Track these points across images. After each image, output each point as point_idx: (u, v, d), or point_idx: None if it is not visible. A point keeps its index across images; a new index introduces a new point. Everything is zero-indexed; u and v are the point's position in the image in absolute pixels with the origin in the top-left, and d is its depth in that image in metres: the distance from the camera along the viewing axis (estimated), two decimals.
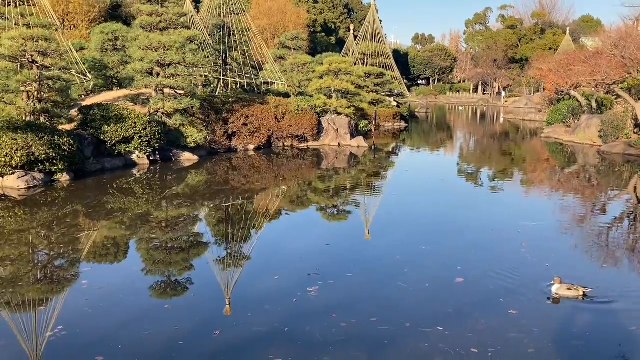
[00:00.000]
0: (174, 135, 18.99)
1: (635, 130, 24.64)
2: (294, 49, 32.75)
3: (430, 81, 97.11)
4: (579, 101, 32.22)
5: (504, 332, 6.14)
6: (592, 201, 14.60)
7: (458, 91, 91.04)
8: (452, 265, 8.38)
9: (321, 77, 25.59)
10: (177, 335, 5.93)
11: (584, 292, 7.08)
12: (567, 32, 64.85)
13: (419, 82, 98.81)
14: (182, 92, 19.54)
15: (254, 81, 26.95)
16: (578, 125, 29.11)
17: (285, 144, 23.34)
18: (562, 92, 34.11)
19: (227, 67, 26.38)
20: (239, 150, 21.59)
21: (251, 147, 21.92)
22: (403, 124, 37.64)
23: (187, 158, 18.91)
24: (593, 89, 31.71)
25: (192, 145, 19.10)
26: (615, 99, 33.15)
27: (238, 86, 27.45)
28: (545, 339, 6.00)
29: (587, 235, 10.67)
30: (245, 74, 26.75)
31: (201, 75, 25.45)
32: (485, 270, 8.17)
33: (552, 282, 7.24)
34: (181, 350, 5.63)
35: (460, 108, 72.85)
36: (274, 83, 28.68)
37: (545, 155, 25.77)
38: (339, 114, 25.05)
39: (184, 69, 19.42)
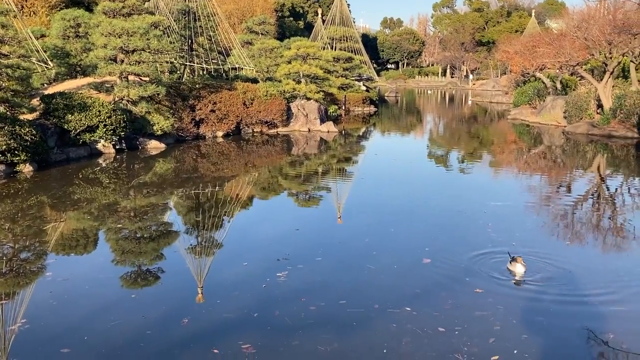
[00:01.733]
0: (140, 123, 18.69)
1: (598, 111, 25.21)
2: (262, 33, 32.47)
3: (400, 65, 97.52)
4: (544, 83, 32.77)
5: (470, 310, 6.24)
6: (558, 181, 14.91)
7: (427, 75, 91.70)
8: (419, 247, 8.48)
9: (289, 62, 25.45)
10: (144, 325, 5.88)
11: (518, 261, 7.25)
12: (533, 14, 65.69)
13: (388, 67, 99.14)
14: (147, 79, 19.19)
15: (220, 67, 26.62)
16: (543, 106, 29.63)
17: (255, 130, 23.21)
18: (528, 74, 34.61)
19: (193, 52, 25.99)
20: (207, 137, 21.38)
21: (220, 133, 21.73)
22: (373, 109, 37.76)
23: (154, 146, 18.65)
24: (557, 71, 32.25)
25: (159, 133, 18.84)
26: (579, 80, 33.82)
27: (205, 72, 27.10)
28: (511, 315, 6.12)
29: (553, 214, 10.90)
30: (212, 59, 26.42)
31: (167, 62, 25.04)
32: (452, 251, 8.29)
33: (511, 261, 7.42)
34: (149, 339, 5.59)
35: (429, 91, 73.40)
36: (242, 69, 28.40)
37: (512, 137, 26.18)
38: (309, 99, 25.00)
39: (149, 55, 19.07)
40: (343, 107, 31.91)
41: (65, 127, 16.02)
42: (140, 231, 9.56)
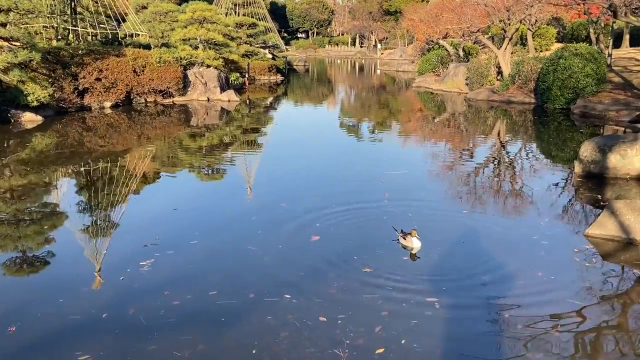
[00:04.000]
0: (12, 94, 16.60)
1: (498, 78, 25.60)
2: None
3: (310, 34, 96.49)
4: (447, 50, 33.01)
5: (356, 294, 5.55)
6: (460, 148, 14.70)
7: (337, 44, 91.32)
8: (310, 223, 7.70)
9: (185, 27, 23.74)
10: None
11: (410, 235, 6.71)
12: None
13: (298, 36, 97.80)
14: (18, 44, 17.02)
15: (109, 32, 24.41)
16: (446, 73, 29.82)
17: (148, 100, 21.51)
18: (432, 42, 34.77)
19: (77, 16, 23.59)
20: (93, 108, 19.51)
21: (108, 104, 19.90)
22: (280, 77, 36.65)
23: (30, 119, 16.68)
24: (460, 39, 32.56)
25: (35, 104, 16.84)
26: (481, 48, 34.43)
27: (94, 39, 24.78)
28: (401, 298, 5.49)
29: (454, 181, 10.50)
30: (100, 24, 24.15)
31: (48, 26, 22.59)
32: (343, 226, 7.59)
33: (399, 235, 6.84)
34: None
35: (338, 61, 73.10)
36: (138, 35, 26.28)
37: (418, 105, 26.10)
38: (208, 66, 23.52)
39: (18, 16, 16.88)
40: (247, 76, 30.54)
41: None
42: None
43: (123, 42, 25.40)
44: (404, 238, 6.79)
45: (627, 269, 6.36)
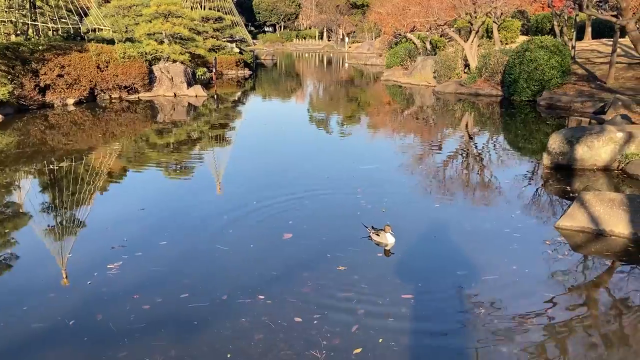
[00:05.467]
0: None
1: (465, 70, 25.82)
2: None
3: (277, 28, 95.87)
4: (414, 43, 33.16)
5: (332, 293, 5.47)
6: (429, 141, 14.75)
7: (304, 38, 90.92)
8: (282, 220, 7.59)
9: (150, 21, 23.25)
10: None
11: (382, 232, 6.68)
12: None
13: (265, 30, 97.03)
14: None
15: (70, 27, 23.73)
16: (414, 67, 29.95)
17: (113, 96, 21.02)
18: (400, 35, 34.86)
19: (37, 10, 22.86)
20: (55, 105, 18.96)
21: (71, 101, 19.36)
22: (248, 72, 36.30)
23: None
24: (427, 32, 32.73)
25: None
26: (448, 41, 34.67)
27: (54, 33, 24.07)
28: (377, 294, 5.43)
29: (425, 175, 10.51)
30: (61, 18, 23.46)
31: (9, 21, 21.83)
32: (316, 223, 7.51)
33: (371, 232, 6.79)
34: None
35: (306, 55, 72.85)
36: (101, 29, 25.63)
37: (386, 99, 26.14)
38: (174, 61, 23.10)
39: None
40: (214, 70, 30.12)
41: None
42: None
43: (86, 37, 24.76)
44: (377, 234, 6.74)
45: (597, 260, 6.44)
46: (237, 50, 38.12)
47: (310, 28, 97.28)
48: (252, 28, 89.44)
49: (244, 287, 5.60)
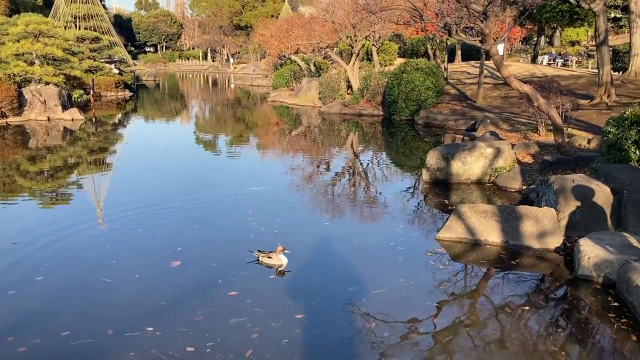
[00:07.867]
0: None
1: (349, 91, 26.75)
2: None
3: (159, 48, 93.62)
4: (299, 65, 33.84)
5: (223, 319, 5.37)
6: (316, 160, 15.04)
7: (188, 58, 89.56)
8: (170, 247, 7.35)
9: (18, 41, 21.72)
10: None
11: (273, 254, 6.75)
12: (286, 0, 68.18)
13: (146, 50, 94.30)
14: None
15: None
16: (300, 88, 30.54)
17: None
18: (285, 56, 35.44)
19: None
20: None
21: None
22: (128, 93, 34.99)
23: None
24: (311, 54, 33.56)
25: None
26: (331, 63, 35.76)
27: None
28: (270, 317, 5.41)
29: (313, 193, 10.68)
30: None
31: None
32: (206, 248, 7.35)
33: (260, 256, 6.80)
34: None
35: (190, 75, 71.72)
36: None
37: (274, 119, 26.34)
38: (47, 83, 21.71)
39: None
40: (92, 92, 28.67)
41: None
42: None
43: None
44: (269, 257, 6.73)
45: (475, 268, 6.89)
46: (117, 71, 36.64)
47: (193, 48, 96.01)
48: (132, 48, 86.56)
49: (130, 319, 5.34)
